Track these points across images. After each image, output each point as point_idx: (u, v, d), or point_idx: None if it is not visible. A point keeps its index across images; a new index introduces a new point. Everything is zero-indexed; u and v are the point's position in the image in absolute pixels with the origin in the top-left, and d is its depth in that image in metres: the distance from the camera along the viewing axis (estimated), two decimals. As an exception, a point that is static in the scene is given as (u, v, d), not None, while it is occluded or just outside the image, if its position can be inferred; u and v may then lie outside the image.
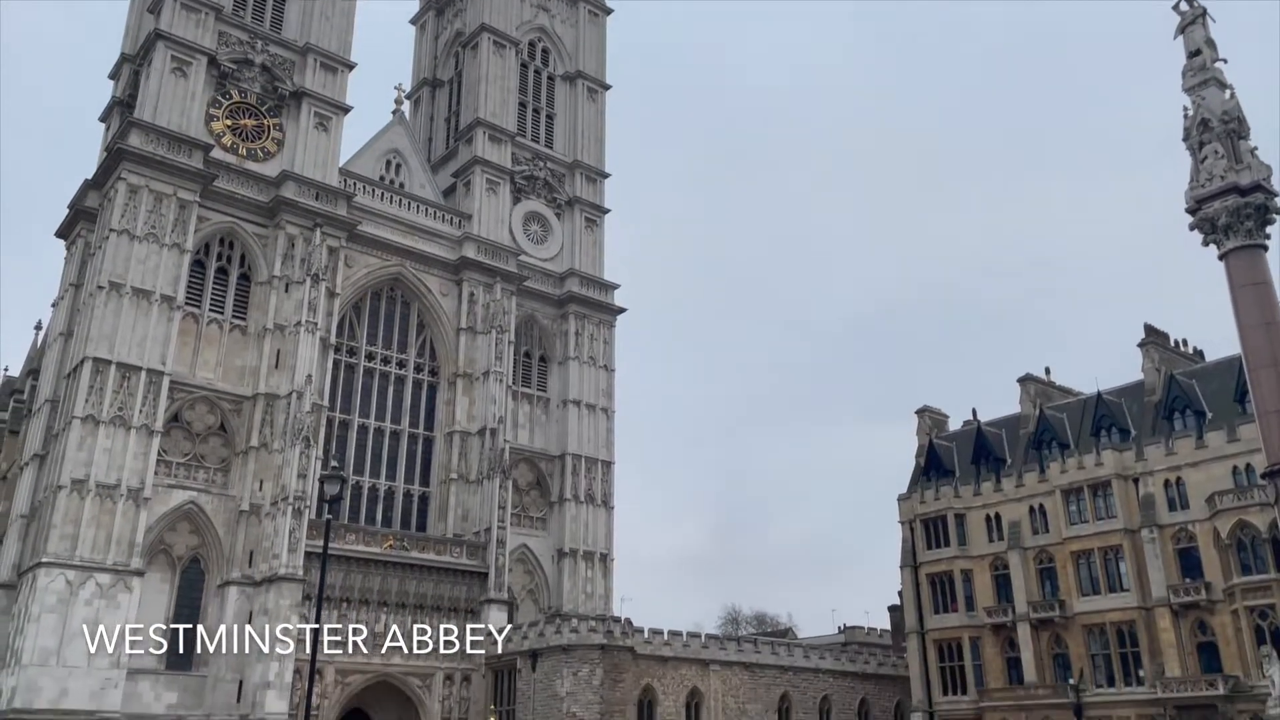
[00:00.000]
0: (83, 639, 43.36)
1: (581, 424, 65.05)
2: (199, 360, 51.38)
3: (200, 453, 50.63)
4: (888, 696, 60.11)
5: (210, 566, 49.64)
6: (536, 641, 51.32)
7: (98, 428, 46.12)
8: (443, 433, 60.78)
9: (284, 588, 47.82)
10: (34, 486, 49.57)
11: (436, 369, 62.00)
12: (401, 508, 58.81)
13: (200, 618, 48.68)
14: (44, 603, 43.22)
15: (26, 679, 42.12)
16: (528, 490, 63.04)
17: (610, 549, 63.99)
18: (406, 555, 54.33)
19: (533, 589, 61.21)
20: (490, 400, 60.18)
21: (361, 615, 51.78)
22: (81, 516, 44.84)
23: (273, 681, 46.33)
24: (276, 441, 50.92)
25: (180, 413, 50.16)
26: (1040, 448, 53.33)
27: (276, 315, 53.15)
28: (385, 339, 60.50)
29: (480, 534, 57.51)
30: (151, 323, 48.72)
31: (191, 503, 49.45)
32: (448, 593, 55.23)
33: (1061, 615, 48.30)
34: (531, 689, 50.55)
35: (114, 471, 46.04)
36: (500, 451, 59.13)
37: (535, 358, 66.48)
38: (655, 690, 52.02)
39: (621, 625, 51.63)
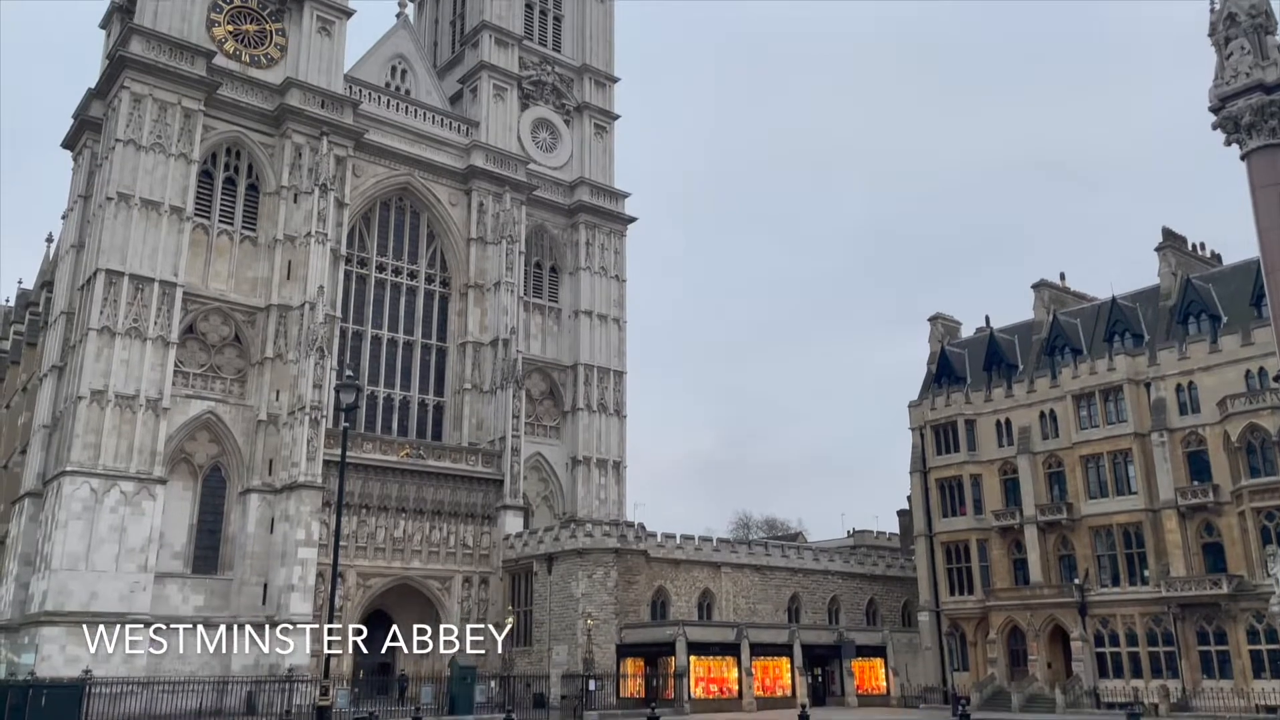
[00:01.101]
0: (109, 545, 44.60)
1: (593, 334, 65.25)
2: (211, 272, 51.45)
3: (216, 364, 51.12)
4: (895, 597, 61.54)
5: (231, 475, 50.61)
6: (552, 546, 52.51)
7: (114, 339, 46.52)
8: (455, 343, 61.12)
9: (304, 495, 48.82)
10: (54, 397, 50.29)
11: (448, 280, 61.97)
12: (417, 417, 59.56)
13: (223, 524, 49.90)
14: (70, 510, 44.30)
15: (57, 583, 43.47)
16: (541, 400, 63.64)
17: (623, 457, 64.90)
18: (423, 463, 55.26)
19: (547, 495, 62.34)
20: (502, 311, 60.31)
21: (381, 521, 52.96)
22: (102, 426, 45.60)
23: (296, 584, 47.69)
24: (291, 352, 51.32)
25: (195, 324, 50.49)
26: (1053, 354, 53.27)
27: (286, 226, 52.98)
28: (396, 250, 60.35)
29: (495, 443, 58.34)
30: (162, 234, 48.66)
31: (210, 413, 50.15)
32: (464, 499, 56.33)
33: (1069, 518, 48.96)
34: (548, 591, 51.94)
35: (132, 382, 46.61)
36: (513, 362, 59.54)
37: (546, 268, 66.30)
38: (668, 592, 53.36)
39: (635, 530, 52.71)
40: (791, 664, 50.39)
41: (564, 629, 50.34)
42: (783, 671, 50.40)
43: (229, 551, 49.47)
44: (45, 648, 42.36)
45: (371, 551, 52.37)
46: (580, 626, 49.20)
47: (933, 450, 55.53)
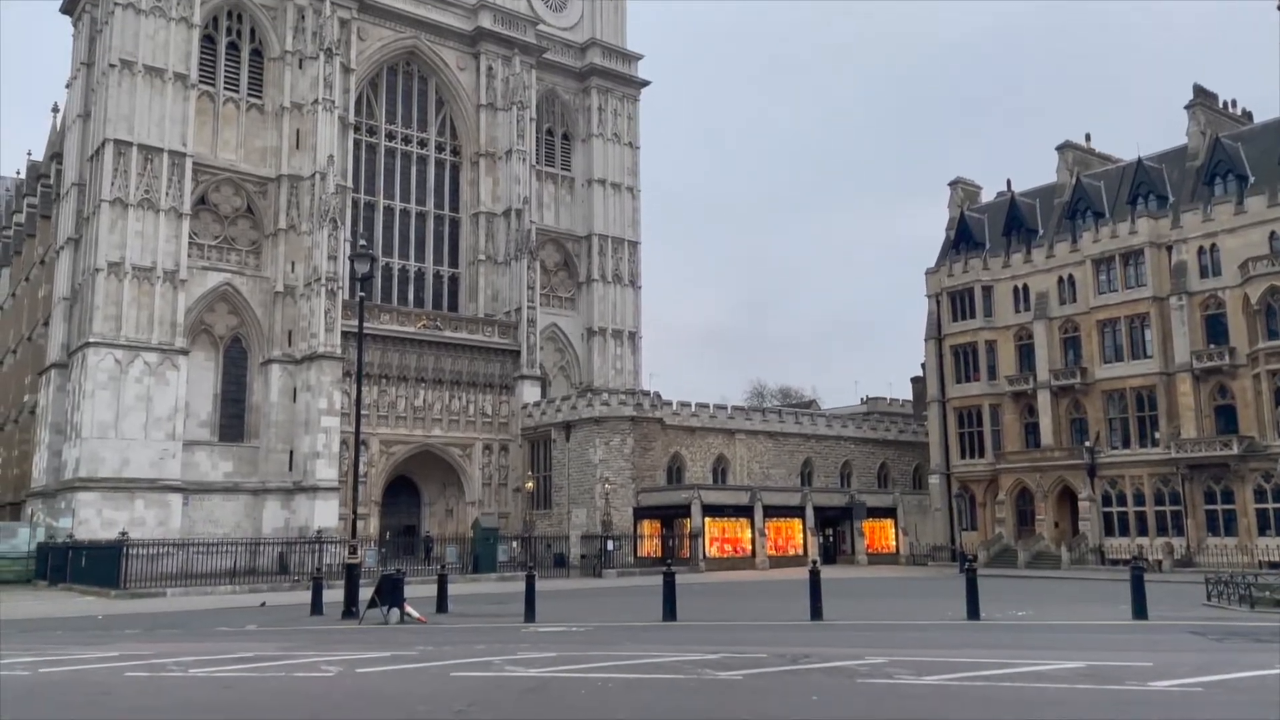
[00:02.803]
0: (137, 413, 45.63)
1: (607, 204, 64.54)
2: (219, 141, 50.78)
3: (230, 235, 51.03)
4: (906, 461, 62.68)
5: (251, 345, 51.23)
6: (569, 414, 53.39)
7: (127, 211, 46.38)
8: (468, 214, 60.67)
9: (324, 365, 49.50)
10: (72, 270, 50.54)
11: (458, 148, 61.01)
12: (432, 289, 59.69)
13: (246, 394, 50.84)
14: (96, 380, 45.15)
15: (88, 450, 44.71)
16: (555, 271, 63.53)
17: (638, 327, 65.19)
18: (440, 334, 55.71)
19: (564, 365, 62.98)
20: (514, 180, 59.56)
21: (401, 390, 53.81)
22: (122, 298, 45.98)
23: (321, 452, 48.90)
24: (304, 223, 51.12)
25: (206, 195, 50.17)
26: (1074, 217, 52.44)
27: (293, 93, 51.93)
28: (405, 117, 59.22)
29: (510, 314, 58.61)
30: (167, 102, 47.83)
31: (227, 284, 50.39)
32: (482, 369, 57.00)
33: (1082, 382, 49.21)
34: (566, 457, 53.11)
35: (148, 254, 46.71)
36: (527, 232, 59.18)
37: (558, 135, 65.06)
38: (684, 457, 54.48)
39: (651, 398, 53.44)
40: (804, 525, 51.84)
41: (582, 493, 51.71)
42: (795, 532, 51.90)
43: (254, 420, 50.56)
44: (81, 512, 43.94)
45: (393, 420, 53.40)
46: (598, 491, 50.52)
47: (949, 317, 55.44)
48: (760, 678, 11.26)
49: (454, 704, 9.85)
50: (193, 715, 9.76)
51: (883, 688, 10.44)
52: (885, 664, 12.19)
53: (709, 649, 14.00)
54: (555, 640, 16.20)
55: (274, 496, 49.09)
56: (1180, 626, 17.55)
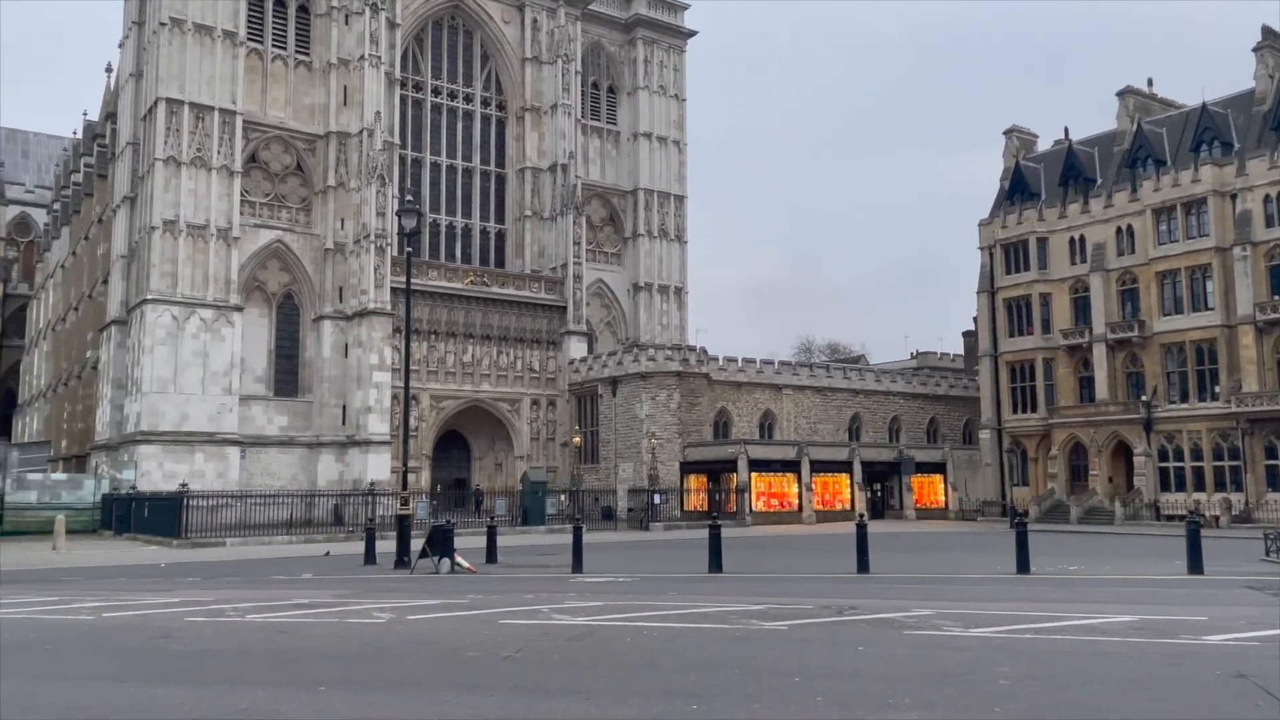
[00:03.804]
0: (194, 369, 46.71)
1: (653, 157, 64.02)
2: (268, 99, 51.12)
3: (281, 193, 51.58)
4: (956, 416, 61.99)
5: (303, 302, 51.99)
6: (616, 370, 53.55)
7: (180, 169, 47.06)
8: (514, 169, 60.62)
9: (374, 321, 50.09)
10: (129, 228, 51.52)
11: (504, 103, 60.81)
12: (479, 245, 59.93)
13: (299, 350, 51.72)
14: (154, 336, 46.23)
15: (149, 405, 45.93)
16: (601, 226, 63.36)
17: (684, 282, 64.94)
18: (487, 290, 56.01)
19: (610, 321, 63.05)
20: (559, 135, 59.28)
21: (450, 346, 54.34)
22: (177, 256, 46.84)
23: (373, 406, 49.69)
24: (353, 180, 51.46)
25: (257, 153, 50.67)
26: (1134, 166, 50.84)
27: (339, 49, 52.01)
28: (450, 72, 59.09)
29: (557, 269, 58.70)
30: (217, 60, 48.21)
31: (278, 241, 51.06)
32: (529, 325, 57.30)
33: (1140, 335, 48.06)
34: (613, 412, 53.37)
35: (201, 212, 47.44)
36: (572, 188, 59.02)
37: (604, 89, 64.48)
38: (730, 413, 54.46)
39: (697, 354, 53.38)
40: (851, 480, 51.67)
41: (629, 448, 52.00)
42: (842, 487, 51.77)
43: (307, 376, 51.47)
44: (143, 464, 45.27)
45: (443, 375, 54.00)
46: (644, 445, 50.76)
47: (1002, 270, 54.33)
48: (805, 628, 11.28)
49: (501, 650, 10.01)
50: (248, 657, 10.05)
51: (929, 639, 10.39)
52: (932, 616, 12.14)
53: (754, 600, 14.05)
54: (601, 590, 16.39)
55: (328, 450, 50.08)
56: (1237, 581, 17.22)
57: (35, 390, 72.75)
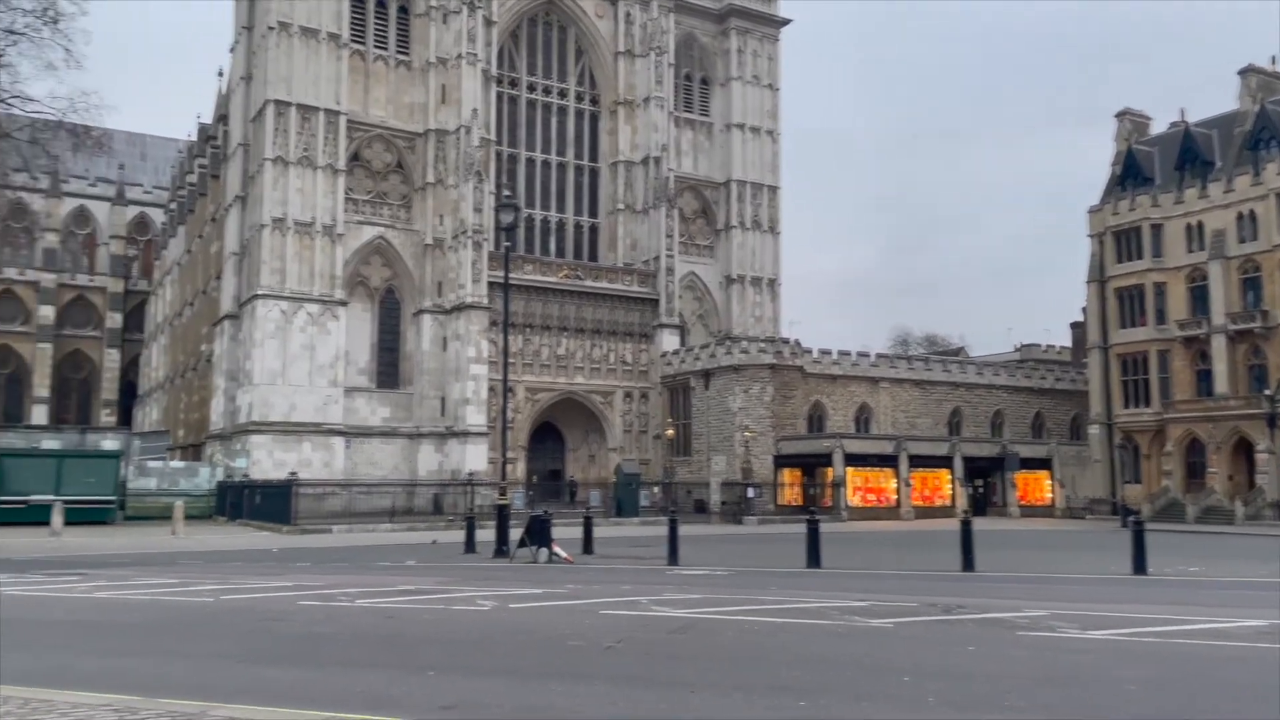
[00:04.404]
0: (302, 361, 48.36)
1: (746, 148, 63.49)
2: (370, 98, 52.48)
3: (382, 190, 52.94)
4: (1064, 411, 59.86)
5: (404, 296, 53.30)
6: (708, 362, 53.37)
7: (287, 168, 48.70)
8: (607, 163, 60.92)
9: (471, 315, 51.02)
10: (240, 226, 53.60)
11: (597, 97, 61.13)
12: (573, 239, 60.44)
13: (400, 343, 53.09)
14: (264, 330, 48.02)
15: (259, 396, 47.75)
16: (694, 218, 63.18)
17: (777, 274, 64.27)
18: (581, 284, 56.48)
19: (702, 314, 62.85)
20: (652, 128, 59.31)
21: (544, 339, 54.99)
22: (285, 252, 48.53)
23: (470, 398, 50.65)
24: (450, 177, 52.45)
25: (359, 151, 52.08)
26: (1257, 148, 48.15)
27: (438, 48, 53.03)
28: (544, 68, 59.67)
29: (649, 262, 58.80)
30: (322, 62, 49.70)
31: (380, 238, 52.43)
32: (622, 318, 57.56)
33: (1263, 326, 45.55)
34: (705, 405, 53.22)
35: (308, 210, 49.02)
36: (665, 180, 59.00)
37: (696, 80, 64.20)
38: (825, 406, 53.73)
39: (791, 346, 52.80)
40: (951, 475, 50.40)
41: (721, 440, 51.79)
42: (942, 482, 50.54)
43: (408, 368, 52.78)
44: (255, 453, 47.10)
45: (537, 368, 54.69)
46: (737, 439, 50.47)
47: (1113, 258, 52.17)
48: (912, 626, 11.01)
49: (604, 640, 10.05)
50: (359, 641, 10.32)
51: (1045, 641, 10.02)
52: (1045, 617, 11.72)
53: (856, 596, 13.80)
54: (699, 583, 16.33)
55: (428, 440, 51.28)
56: (1377, 588, 16.16)
57: (154, 382, 76.43)
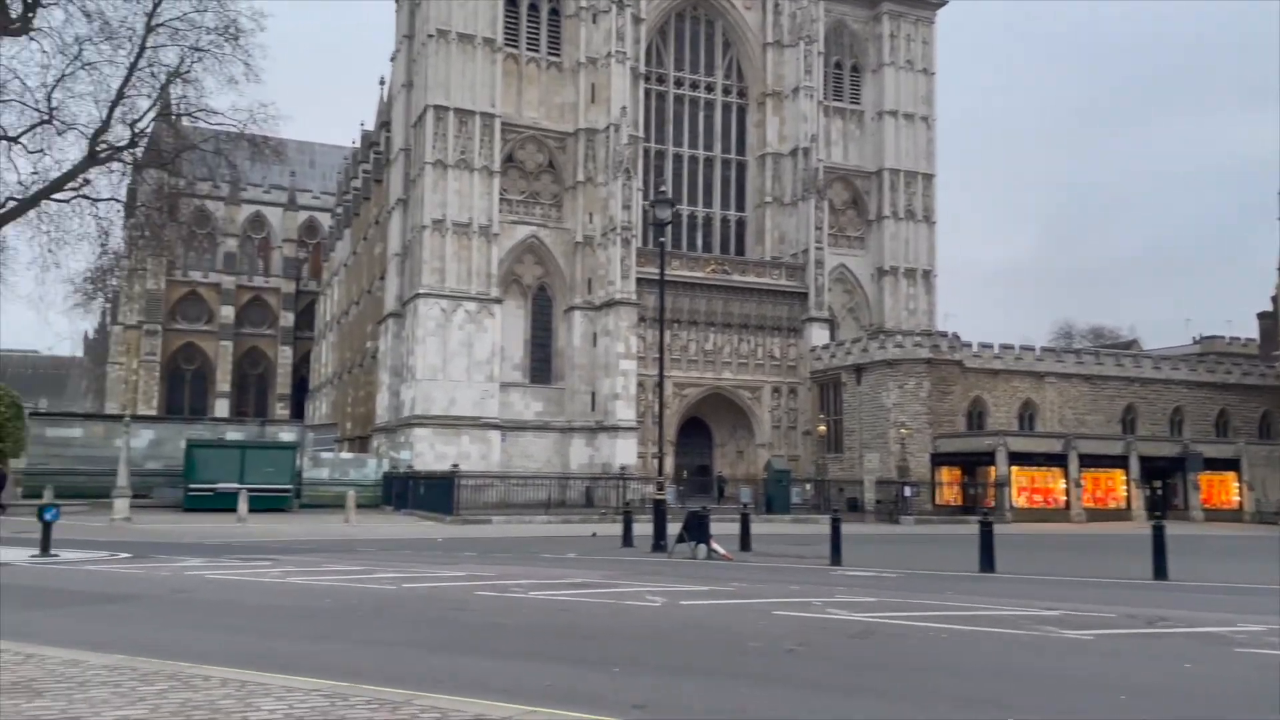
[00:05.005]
0: (460, 358, 50.04)
1: (899, 136, 61.63)
2: (523, 100, 53.71)
3: (534, 190, 54.12)
4: (1251, 407, 55.47)
5: (555, 293, 54.36)
6: (860, 357, 52.11)
7: (446, 171, 50.42)
8: (754, 156, 60.36)
9: (621, 311, 51.53)
10: (402, 228, 55.90)
11: (744, 90, 60.64)
12: (720, 233, 60.20)
13: (552, 339, 54.19)
14: (425, 327, 49.92)
15: (421, 391, 49.69)
16: (844, 209, 61.82)
17: (932, 265, 62.16)
18: (728, 279, 56.18)
19: (852, 307, 61.46)
20: (801, 118, 58.35)
21: (692, 335, 54.99)
22: (445, 252, 50.29)
23: (619, 393, 51.18)
24: (600, 175, 53.11)
25: (513, 153, 53.40)
26: None
27: (587, 48, 53.76)
28: (691, 63, 59.63)
29: (798, 255, 57.94)
30: (478, 66, 51.19)
31: (533, 236, 53.64)
32: (770, 312, 56.94)
33: None
34: (857, 401, 51.99)
35: (465, 211, 50.64)
36: (814, 171, 57.97)
37: (846, 68, 62.74)
38: (985, 402, 51.59)
39: (949, 340, 50.94)
40: (1127, 476, 47.50)
41: (875, 437, 50.47)
42: (1116, 484, 47.69)
43: (559, 364, 53.83)
44: (417, 445, 49.04)
45: (685, 363, 54.74)
46: (892, 435, 49.09)
47: (1309, 242, 47.81)
48: (1114, 639, 10.29)
49: (783, 642, 9.81)
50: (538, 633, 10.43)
51: (1273, 660, 9.14)
52: (1264, 633, 10.73)
53: (1042, 604, 13.05)
54: (869, 585, 15.84)
55: (579, 435, 52.14)
56: None
57: (323, 377, 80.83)
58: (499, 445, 50.33)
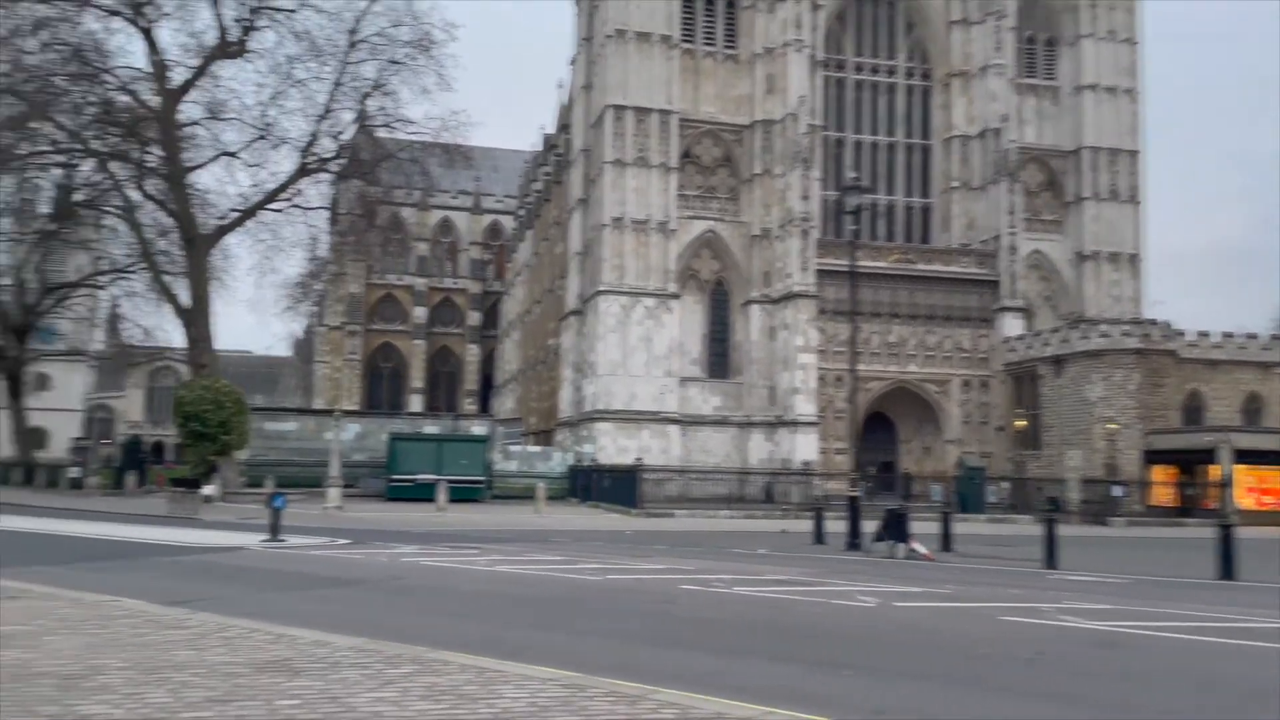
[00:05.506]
0: (639, 353, 50.52)
1: (1099, 111, 57.56)
2: (699, 95, 53.60)
3: (711, 184, 53.94)
4: None
5: (732, 288, 54.01)
6: (1059, 347, 49.07)
7: (624, 170, 51.01)
8: (940, 139, 57.90)
9: (799, 304, 50.60)
10: (582, 227, 57.03)
11: (928, 71, 58.26)
12: (903, 221, 58.15)
13: (729, 333, 53.90)
14: (606, 324, 50.71)
15: (602, 386, 50.53)
16: (1038, 192, 58.35)
17: (1138, 249, 57.77)
18: (912, 267, 54.19)
19: (1049, 295, 57.93)
20: (990, 97, 55.47)
21: (874, 327, 53.31)
22: (623, 250, 50.90)
23: (799, 387, 50.28)
24: (777, 166, 52.32)
25: (689, 148, 53.40)
26: None
27: (765, 38, 53.08)
28: (871, 46, 57.84)
29: (988, 242, 55.18)
30: (655, 64, 51.49)
31: (709, 231, 53.49)
32: (958, 302, 54.51)
33: None
34: (1056, 394, 48.98)
35: (643, 208, 51.07)
36: (1005, 152, 55.00)
37: (1040, 42, 59.15)
38: (1203, 395, 47.50)
39: (1160, 328, 47.20)
40: (1374, 477, 42.51)
41: (1077, 433, 47.37)
42: (1360, 485, 42.79)
43: (737, 358, 53.47)
44: (600, 440, 49.90)
45: (867, 356, 53.07)
46: (1097, 431, 45.97)
47: None
48: None
49: (1018, 650, 9.17)
50: (751, 630, 10.18)
51: None
52: None
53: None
54: (1094, 591, 14.71)
55: (758, 430, 51.61)
56: None
57: (508, 373, 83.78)
58: (678, 439, 50.52)
